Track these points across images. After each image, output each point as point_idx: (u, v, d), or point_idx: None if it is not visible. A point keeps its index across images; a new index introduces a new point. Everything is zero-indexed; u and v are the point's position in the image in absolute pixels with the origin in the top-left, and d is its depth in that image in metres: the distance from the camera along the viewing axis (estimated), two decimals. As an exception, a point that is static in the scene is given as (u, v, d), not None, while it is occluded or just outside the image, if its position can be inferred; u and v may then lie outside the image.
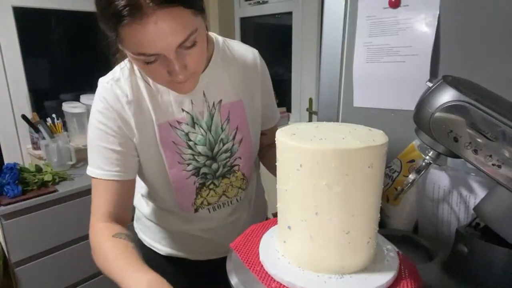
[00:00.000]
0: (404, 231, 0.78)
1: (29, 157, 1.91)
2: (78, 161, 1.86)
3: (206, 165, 0.80)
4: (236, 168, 0.85)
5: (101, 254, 0.66)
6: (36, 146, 1.85)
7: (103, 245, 0.67)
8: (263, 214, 1.04)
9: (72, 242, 1.64)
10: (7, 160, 1.82)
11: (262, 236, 0.61)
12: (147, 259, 0.92)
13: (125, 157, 0.73)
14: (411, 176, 0.64)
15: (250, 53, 0.85)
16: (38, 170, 1.65)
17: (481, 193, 0.68)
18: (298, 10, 2.27)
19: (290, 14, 2.34)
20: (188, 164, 0.78)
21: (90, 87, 2.04)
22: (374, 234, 0.53)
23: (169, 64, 0.60)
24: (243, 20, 2.72)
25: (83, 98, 1.96)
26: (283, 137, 0.50)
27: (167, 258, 0.91)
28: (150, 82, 0.73)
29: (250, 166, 0.89)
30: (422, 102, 0.57)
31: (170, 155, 0.76)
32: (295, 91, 2.44)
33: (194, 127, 0.77)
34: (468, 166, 0.68)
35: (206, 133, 0.78)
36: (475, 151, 0.52)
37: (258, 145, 0.90)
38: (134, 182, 0.77)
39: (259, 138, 0.90)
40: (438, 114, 0.54)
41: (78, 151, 1.88)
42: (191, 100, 0.76)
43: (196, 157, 0.79)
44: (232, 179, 0.85)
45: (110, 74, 0.74)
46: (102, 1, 0.56)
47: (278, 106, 1.00)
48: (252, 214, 0.96)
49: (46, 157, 1.74)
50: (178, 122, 0.76)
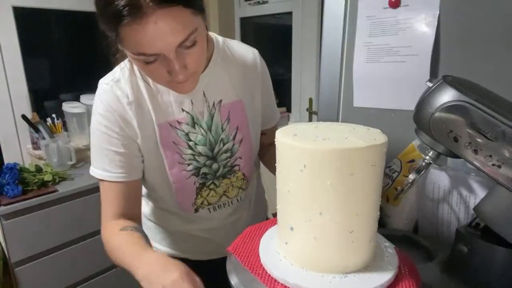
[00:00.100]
0: (404, 231, 0.78)
1: (29, 157, 1.91)
2: (78, 161, 1.86)
3: (206, 165, 0.80)
4: (236, 168, 0.85)
5: (111, 247, 0.70)
6: (36, 146, 1.85)
7: (112, 239, 0.71)
8: (263, 214, 1.04)
9: (72, 242, 1.64)
10: (7, 160, 1.82)
11: (260, 238, 0.60)
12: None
13: (129, 158, 0.74)
14: (411, 176, 0.64)
15: (250, 53, 0.85)
16: (38, 170, 1.65)
17: (481, 193, 0.68)
18: (298, 10, 2.27)
19: (290, 14, 2.34)
20: (188, 164, 0.78)
21: (90, 87, 2.03)
22: (375, 232, 0.53)
23: (169, 64, 0.60)
24: (243, 20, 2.72)
25: (83, 98, 1.96)
26: (285, 137, 0.49)
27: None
28: (150, 82, 0.73)
29: (250, 166, 0.89)
30: (422, 102, 0.57)
31: (170, 155, 0.76)
32: (295, 91, 2.44)
33: (194, 127, 0.77)
34: (468, 166, 0.68)
35: (207, 133, 0.78)
36: (475, 151, 0.52)
37: (258, 145, 0.90)
38: (140, 180, 0.78)
39: (259, 138, 0.91)
40: (438, 114, 0.54)
41: (78, 151, 1.88)
42: (191, 100, 0.76)
43: (196, 157, 0.79)
44: (232, 179, 0.85)
45: (110, 75, 0.74)
46: (101, 1, 0.56)
47: (278, 106, 1.00)
48: (252, 214, 0.96)
49: (46, 157, 1.74)
50: (178, 122, 0.76)
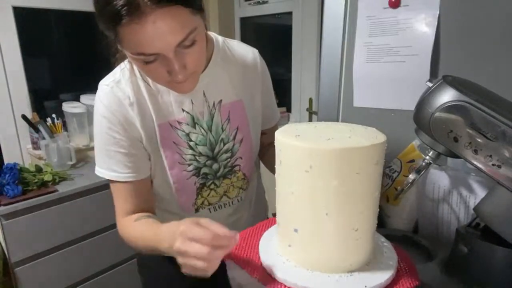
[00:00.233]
0: (404, 231, 0.78)
1: (29, 157, 1.91)
2: (78, 161, 1.86)
3: (206, 165, 0.80)
4: (237, 168, 0.85)
5: (131, 237, 0.73)
6: (36, 146, 1.84)
7: (129, 230, 0.74)
8: (264, 214, 1.04)
9: (72, 242, 1.63)
10: (7, 160, 1.82)
11: (256, 242, 0.59)
12: (148, 260, 0.94)
13: (135, 158, 0.74)
14: (411, 176, 0.64)
15: (250, 52, 0.85)
16: (38, 170, 1.65)
17: (481, 193, 0.68)
18: (298, 10, 2.27)
19: (290, 14, 2.34)
20: (189, 164, 0.78)
21: (90, 87, 2.04)
22: (375, 228, 0.54)
23: (168, 63, 0.60)
24: (243, 20, 2.71)
25: (83, 98, 1.96)
26: (287, 138, 0.49)
27: (168, 258, 0.90)
28: (150, 82, 0.73)
29: (250, 166, 0.89)
30: (422, 102, 0.57)
31: (171, 156, 0.76)
32: (295, 91, 2.44)
33: (194, 127, 0.77)
34: (468, 166, 0.68)
35: (207, 133, 0.78)
36: (475, 151, 0.52)
37: (258, 145, 0.90)
38: (149, 177, 0.79)
39: (260, 138, 0.90)
40: (438, 114, 0.54)
41: (78, 151, 1.89)
42: (191, 100, 0.76)
43: (197, 157, 0.79)
44: (233, 180, 0.85)
45: (110, 76, 0.74)
46: (100, 1, 0.56)
47: (278, 106, 1.00)
48: (252, 214, 0.95)
49: (46, 157, 1.74)
50: (179, 122, 0.76)
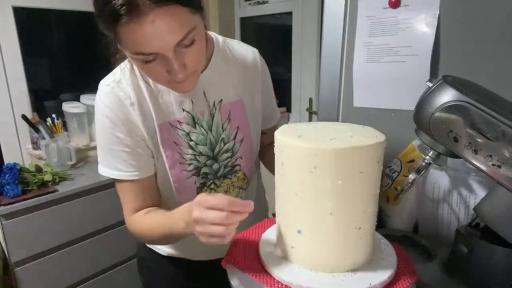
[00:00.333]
0: (404, 231, 0.78)
1: (29, 157, 1.91)
2: (78, 161, 1.86)
3: (207, 165, 0.80)
4: (237, 168, 0.85)
5: (143, 230, 0.74)
6: (36, 146, 1.84)
7: (141, 223, 0.74)
8: (264, 214, 1.04)
9: (72, 242, 1.63)
10: (7, 160, 1.82)
11: (253, 245, 0.59)
12: (148, 260, 0.94)
13: (140, 156, 0.74)
14: (411, 176, 0.64)
15: (250, 52, 0.85)
16: (38, 170, 1.65)
17: (481, 193, 0.68)
18: (298, 10, 2.27)
19: (290, 14, 2.34)
20: (189, 164, 0.78)
21: (90, 87, 2.03)
22: (375, 226, 0.54)
23: (168, 63, 0.60)
24: (243, 20, 2.71)
25: (83, 98, 1.96)
26: (290, 139, 0.49)
27: (168, 258, 0.91)
28: (151, 82, 0.73)
29: (251, 166, 0.89)
30: (422, 102, 0.57)
31: (171, 155, 0.76)
32: (295, 91, 2.44)
33: (195, 127, 0.77)
34: (468, 166, 0.68)
35: (207, 132, 0.78)
36: (475, 151, 0.52)
37: (258, 145, 0.90)
38: (154, 175, 0.79)
39: (260, 137, 0.90)
40: (438, 114, 0.54)
41: (78, 151, 1.89)
42: (192, 100, 0.76)
43: (197, 157, 0.79)
44: (233, 179, 0.85)
45: (110, 76, 0.74)
46: (99, 1, 0.56)
47: (278, 106, 1.00)
48: (252, 214, 0.95)
49: (46, 157, 1.74)
50: (179, 122, 0.76)
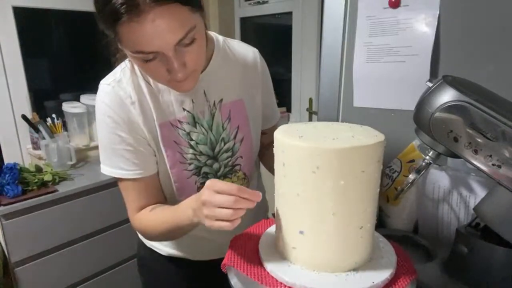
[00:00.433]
0: (404, 231, 0.78)
1: (29, 157, 1.91)
2: (78, 161, 1.86)
3: (207, 164, 0.80)
4: (237, 167, 0.85)
5: (149, 226, 0.74)
6: (36, 146, 1.84)
7: (146, 220, 0.74)
8: (264, 214, 1.04)
9: (72, 242, 1.63)
10: (7, 160, 1.82)
11: (252, 247, 0.59)
12: (148, 260, 0.94)
13: (143, 155, 0.74)
14: (411, 176, 0.64)
15: (250, 52, 0.85)
16: (38, 170, 1.65)
17: (481, 193, 0.68)
18: (298, 10, 2.27)
19: (290, 14, 2.34)
20: (189, 163, 0.78)
21: (90, 87, 2.03)
22: (375, 225, 0.54)
23: (168, 62, 0.60)
24: (243, 20, 2.71)
25: (83, 98, 1.95)
26: (291, 139, 0.48)
27: (168, 258, 0.91)
28: (151, 81, 0.73)
29: (251, 165, 0.89)
30: (422, 102, 0.57)
31: (172, 155, 0.76)
32: (295, 91, 2.44)
33: (195, 126, 0.77)
34: (468, 166, 0.68)
35: (207, 132, 0.78)
36: (475, 151, 0.52)
37: (259, 144, 0.90)
38: (157, 174, 0.79)
39: (260, 137, 0.90)
40: (438, 114, 0.55)
41: (78, 151, 1.89)
42: (192, 99, 0.76)
43: (197, 156, 0.79)
44: (233, 179, 0.85)
45: (111, 76, 0.74)
46: (100, 0, 0.56)
47: (278, 106, 1.00)
48: (252, 214, 0.95)
49: (46, 157, 1.74)
50: (179, 122, 0.76)
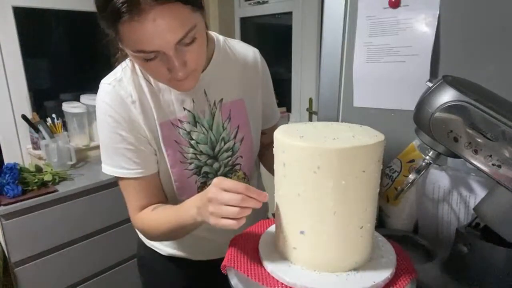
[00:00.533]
0: (404, 231, 0.78)
1: (29, 157, 1.91)
2: (78, 161, 1.86)
3: (207, 164, 0.80)
4: (237, 167, 0.85)
5: (152, 225, 0.74)
6: (36, 146, 1.84)
7: (148, 220, 0.74)
8: (264, 214, 1.04)
9: (72, 242, 1.63)
10: (7, 160, 1.82)
11: (252, 247, 0.59)
12: (148, 259, 0.94)
13: (144, 154, 0.74)
14: (411, 176, 0.64)
15: (250, 52, 0.85)
16: (38, 170, 1.65)
17: (481, 193, 0.68)
18: (298, 10, 2.27)
19: (290, 14, 2.34)
20: (190, 163, 0.78)
21: (90, 87, 2.04)
22: (375, 224, 0.54)
23: (168, 61, 0.60)
24: (243, 20, 2.71)
25: (83, 98, 1.95)
26: (292, 139, 0.48)
27: (168, 258, 0.91)
28: (152, 81, 0.73)
29: (251, 165, 0.89)
30: (422, 102, 0.57)
31: (172, 154, 0.76)
32: (295, 91, 2.44)
33: (195, 126, 0.77)
34: (468, 166, 0.68)
35: (208, 131, 0.78)
36: (475, 151, 0.52)
37: (259, 144, 0.90)
38: (158, 173, 0.79)
39: (260, 137, 0.90)
40: (438, 114, 0.54)
41: (78, 151, 1.89)
42: (192, 98, 0.76)
43: (198, 156, 0.79)
44: (233, 179, 0.85)
45: (111, 75, 0.74)
46: None
47: (278, 106, 1.00)
48: (252, 214, 0.95)
49: (46, 157, 1.74)
50: (180, 121, 0.76)
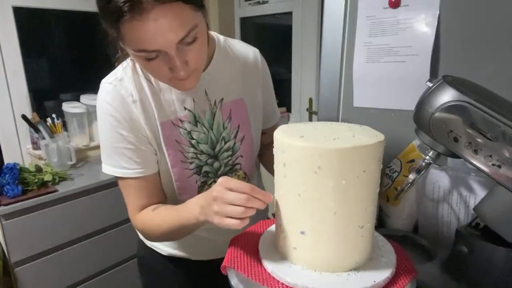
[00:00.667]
0: (404, 231, 0.78)
1: (29, 157, 1.91)
2: (78, 161, 1.86)
3: (208, 163, 0.80)
4: (238, 167, 0.85)
5: (152, 225, 0.73)
6: (36, 146, 1.84)
7: (148, 220, 0.74)
8: (264, 214, 1.04)
9: (72, 242, 1.63)
10: (7, 160, 1.82)
11: (252, 247, 0.59)
12: (149, 259, 0.94)
13: (144, 153, 0.74)
14: (411, 176, 0.64)
15: (251, 51, 0.85)
16: (38, 170, 1.65)
17: (481, 193, 0.68)
18: (298, 10, 2.27)
19: (290, 14, 2.34)
20: (190, 162, 0.78)
21: (90, 87, 2.04)
22: (375, 224, 0.54)
23: (170, 60, 0.61)
24: (243, 20, 2.71)
25: (83, 98, 1.95)
26: (292, 139, 0.48)
27: (168, 258, 0.91)
28: (153, 80, 0.73)
29: (251, 165, 0.89)
30: (422, 102, 0.57)
31: (173, 154, 0.76)
32: (295, 91, 2.44)
33: (196, 126, 0.77)
34: (468, 166, 0.68)
35: (208, 131, 0.78)
36: (475, 151, 0.52)
37: (259, 144, 0.90)
38: (158, 173, 0.79)
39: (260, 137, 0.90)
40: (438, 114, 0.55)
41: (78, 151, 1.89)
42: (193, 98, 0.76)
43: (198, 155, 0.79)
44: (234, 178, 0.85)
45: (112, 75, 0.74)
46: None
47: (278, 106, 1.00)
48: (253, 214, 0.95)
49: (46, 157, 1.74)
50: (181, 121, 0.76)
